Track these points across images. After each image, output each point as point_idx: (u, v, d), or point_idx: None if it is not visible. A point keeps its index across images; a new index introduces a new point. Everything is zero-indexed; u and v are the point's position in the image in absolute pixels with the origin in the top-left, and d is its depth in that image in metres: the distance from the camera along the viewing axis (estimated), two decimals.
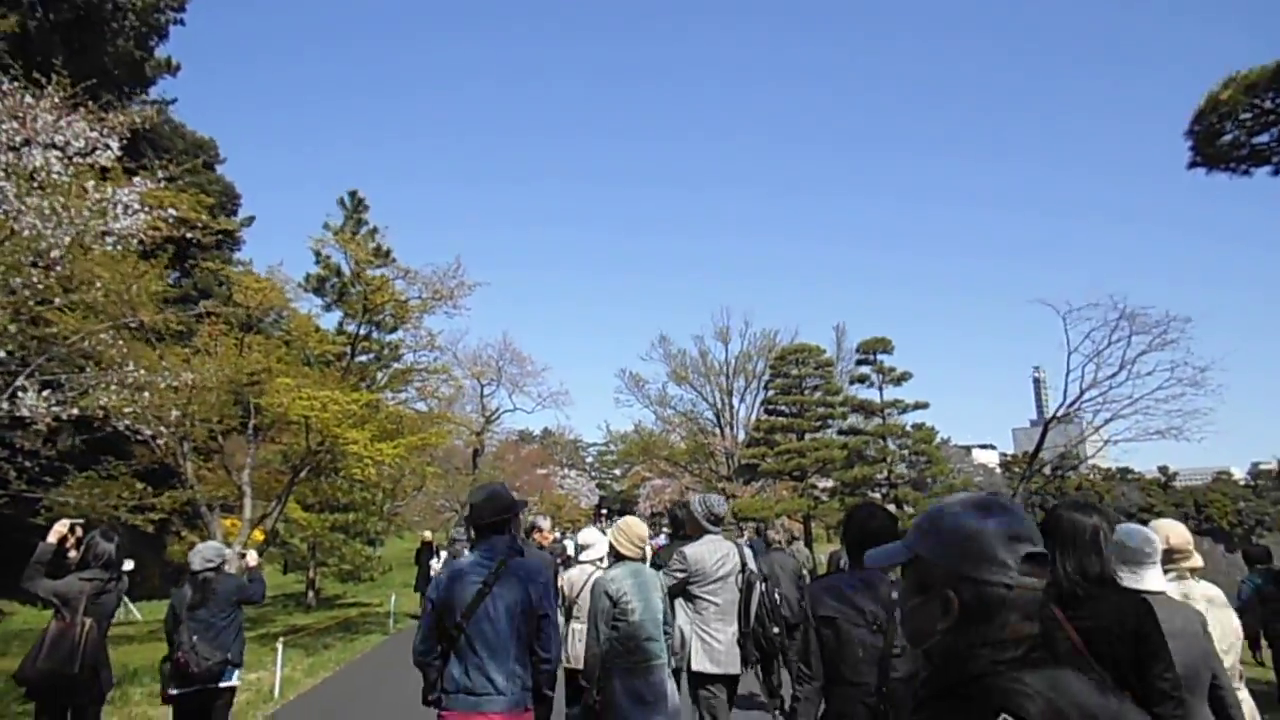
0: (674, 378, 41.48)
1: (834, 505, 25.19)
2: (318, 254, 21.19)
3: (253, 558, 6.18)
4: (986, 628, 1.16)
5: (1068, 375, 15.81)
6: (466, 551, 3.96)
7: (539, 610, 3.57)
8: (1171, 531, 3.38)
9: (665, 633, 4.42)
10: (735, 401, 40.67)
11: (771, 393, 29.22)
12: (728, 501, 33.56)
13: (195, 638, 5.51)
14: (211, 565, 6.00)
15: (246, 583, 5.98)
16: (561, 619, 5.32)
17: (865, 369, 24.37)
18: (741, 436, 38.53)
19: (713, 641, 4.81)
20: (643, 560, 4.62)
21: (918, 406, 24.28)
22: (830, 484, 29.13)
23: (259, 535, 14.84)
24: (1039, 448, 16.82)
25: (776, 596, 5.50)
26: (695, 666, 4.80)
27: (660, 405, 42.87)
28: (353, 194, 21.10)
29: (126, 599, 20.16)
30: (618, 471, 78.91)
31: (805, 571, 7.65)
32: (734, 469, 35.40)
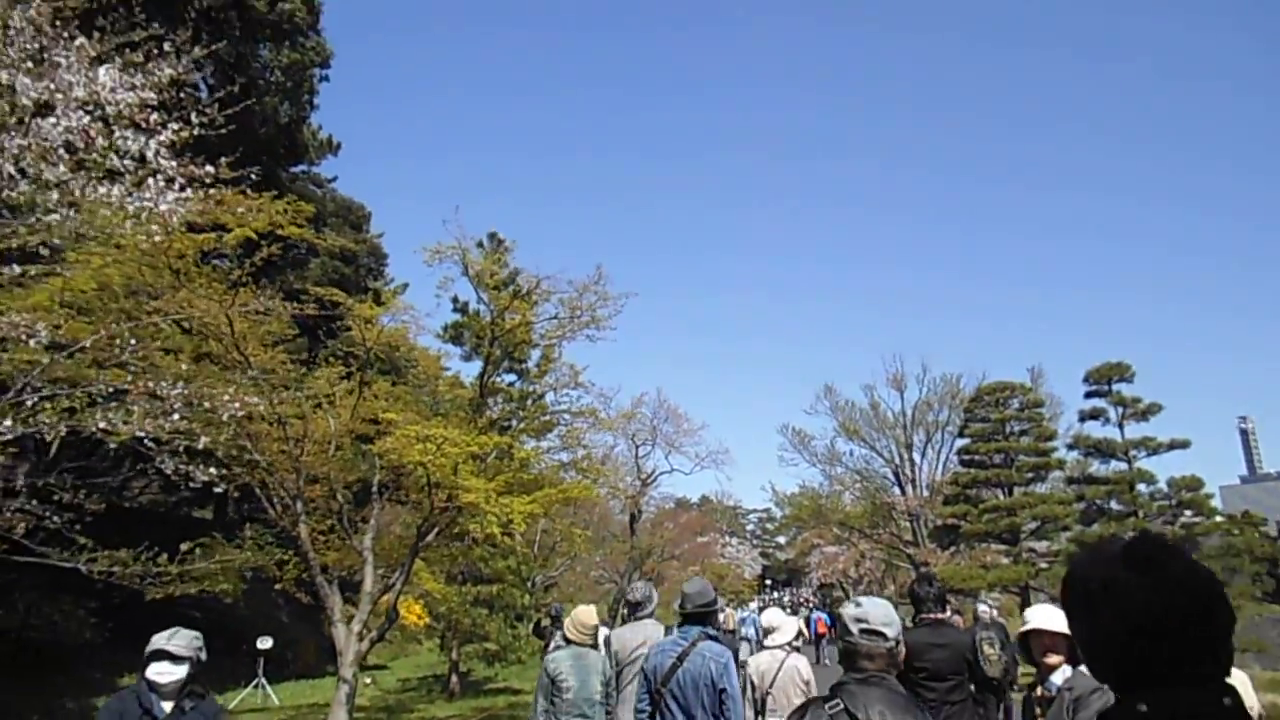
0: (843, 432, 37.63)
1: (1062, 573, 20.41)
2: (455, 300, 19.67)
3: None
4: (848, 663, 2.59)
5: None
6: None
7: (719, 685, 4.20)
8: None
9: (607, 711, 5.17)
10: (916, 456, 36.25)
11: (968, 440, 24.89)
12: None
13: None
14: (175, 680, 3.56)
15: None
16: (751, 714, 5.32)
17: (1099, 402, 19.67)
18: (925, 494, 34.08)
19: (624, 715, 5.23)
20: (593, 645, 5.39)
21: (1175, 446, 19.26)
22: (1053, 547, 24.18)
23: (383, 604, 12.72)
24: None
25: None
26: None
27: (829, 463, 38.98)
28: (492, 235, 19.34)
29: (265, 682, 18.72)
30: (781, 539, 74.53)
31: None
32: (926, 532, 30.86)
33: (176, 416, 5.86)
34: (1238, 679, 3.69)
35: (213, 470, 6.79)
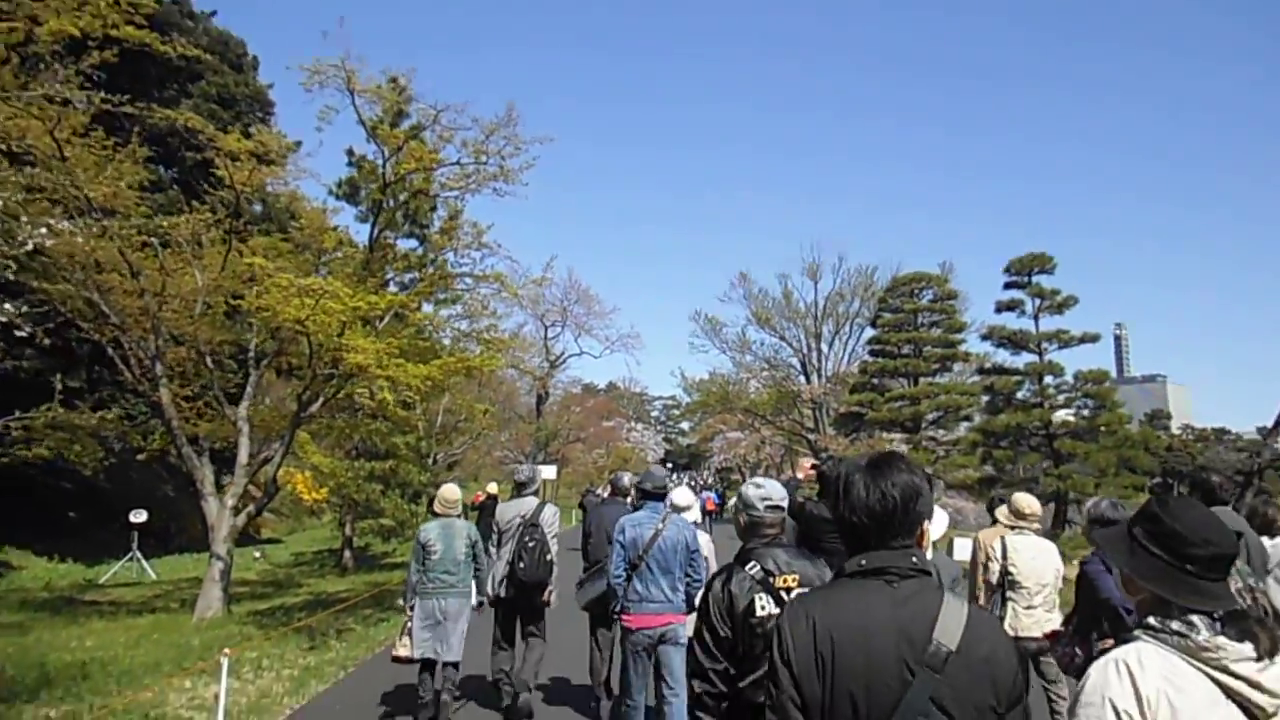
0: (755, 320, 37.54)
1: (970, 459, 20.86)
2: (350, 154, 17.78)
3: None
4: (752, 532, 3.00)
5: None
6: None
7: (692, 547, 5.20)
8: (1025, 502, 5.56)
9: (476, 570, 6.30)
10: (824, 346, 36.60)
11: (878, 330, 24.92)
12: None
13: None
14: None
15: None
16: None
17: (1017, 293, 19.57)
18: (829, 384, 34.63)
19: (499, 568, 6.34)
20: (457, 516, 6.37)
21: (1086, 339, 19.55)
22: (951, 435, 24.87)
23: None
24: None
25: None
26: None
27: (739, 351, 39.08)
28: (393, 80, 17.33)
29: (139, 555, 17.55)
30: (685, 425, 75.97)
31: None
32: (830, 419, 31.42)
33: None
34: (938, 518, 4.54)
35: (9, 307, 5.44)
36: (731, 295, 38.34)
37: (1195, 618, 1.64)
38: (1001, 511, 5.97)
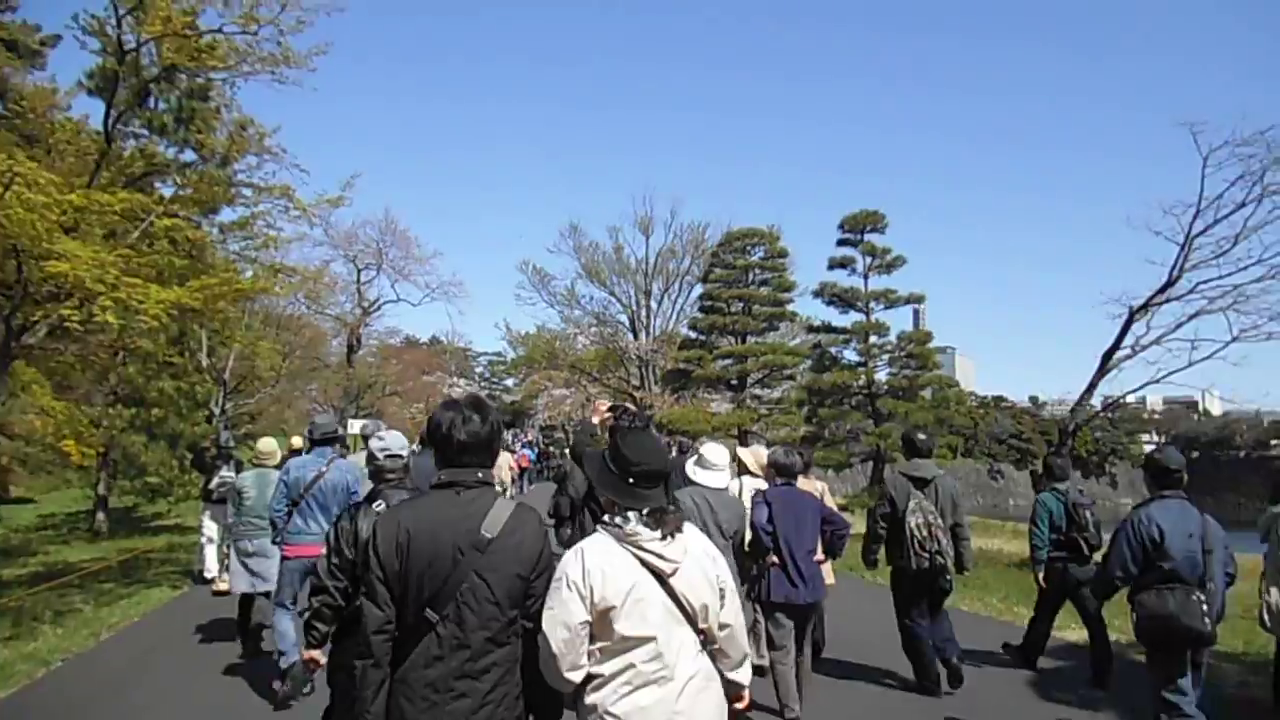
0: (585, 273, 36.44)
1: (792, 417, 20.90)
2: (101, 33, 14.75)
3: None
4: (378, 477, 3.74)
5: (1186, 241, 11.36)
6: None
7: (352, 489, 5.66)
8: (759, 455, 6.11)
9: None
10: (653, 304, 36.13)
11: (710, 285, 24.49)
12: (647, 411, 29.52)
13: None
14: None
15: None
16: None
17: (848, 250, 19.46)
18: (656, 343, 34.31)
19: None
20: (275, 468, 6.97)
21: (912, 300, 19.96)
22: (774, 394, 25.02)
23: None
24: (1092, 386, 12.53)
25: None
26: None
27: (567, 305, 37.79)
28: None
29: None
30: (510, 382, 74.18)
31: None
32: (657, 377, 31.00)
33: None
34: None
35: None
36: (561, 247, 36.95)
37: (630, 514, 2.34)
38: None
